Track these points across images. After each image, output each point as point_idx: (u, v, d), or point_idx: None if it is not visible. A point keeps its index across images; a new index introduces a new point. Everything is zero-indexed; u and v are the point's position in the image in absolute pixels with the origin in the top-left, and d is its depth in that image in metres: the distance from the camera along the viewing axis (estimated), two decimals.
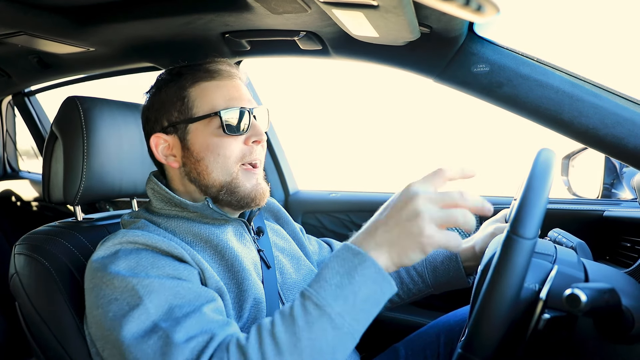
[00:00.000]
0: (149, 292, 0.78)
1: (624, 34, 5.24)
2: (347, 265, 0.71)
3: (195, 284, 0.84)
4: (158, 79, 1.02)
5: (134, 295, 0.78)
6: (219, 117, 0.94)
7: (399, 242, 0.69)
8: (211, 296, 0.83)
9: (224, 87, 0.97)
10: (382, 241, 0.71)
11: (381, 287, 0.70)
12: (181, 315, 0.77)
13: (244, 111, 0.96)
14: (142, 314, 0.76)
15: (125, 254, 0.84)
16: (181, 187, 1.00)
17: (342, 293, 0.70)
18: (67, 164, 1.11)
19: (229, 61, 1.02)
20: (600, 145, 1.06)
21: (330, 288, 0.70)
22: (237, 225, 1.02)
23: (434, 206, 0.68)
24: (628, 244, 1.22)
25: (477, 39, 1.12)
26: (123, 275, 0.80)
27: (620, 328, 0.69)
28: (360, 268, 0.70)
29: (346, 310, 0.70)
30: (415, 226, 0.68)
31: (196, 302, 0.79)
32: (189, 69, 0.99)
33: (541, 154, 0.71)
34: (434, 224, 0.68)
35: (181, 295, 0.79)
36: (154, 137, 0.98)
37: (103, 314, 0.79)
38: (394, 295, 1.21)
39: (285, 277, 1.05)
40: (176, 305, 0.78)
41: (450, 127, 5.23)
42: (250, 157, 0.97)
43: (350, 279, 0.70)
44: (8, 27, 1.28)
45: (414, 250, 0.68)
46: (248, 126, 0.96)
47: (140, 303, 0.77)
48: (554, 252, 0.80)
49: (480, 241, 1.14)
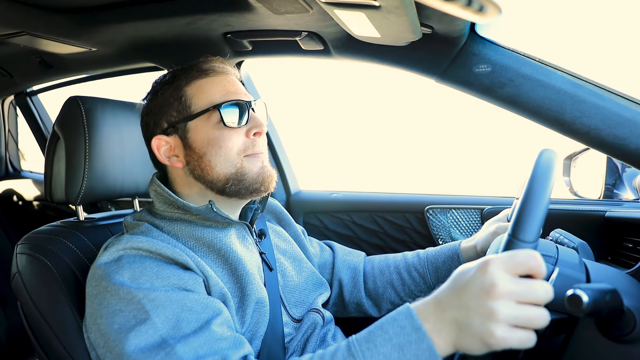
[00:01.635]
0: (156, 307, 0.78)
1: (625, 34, 5.24)
2: (403, 338, 0.65)
3: (202, 294, 0.84)
4: (153, 84, 1.02)
5: (140, 309, 0.78)
6: (218, 110, 0.94)
7: (464, 332, 0.62)
8: (218, 308, 0.83)
9: (219, 83, 0.98)
10: (446, 325, 0.64)
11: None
12: (190, 331, 0.77)
13: (242, 103, 0.96)
14: (149, 328, 0.76)
15: (129, 262, 0.84)
16: (185, 188, 1.00)
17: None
18: (69, 163, 1.11)
19: (222, 59, 1.03)
20: (602, 145, 1.05)
21: (378, 356, 0.65)
22: (240, 228, 1.02)
23: (512, 302, 0.60)
24: (630, 245, 1.22)
25: (479, 40, 1.12)
26: (128, 286, 0.80)
27: (622, 329, 0.69)
28: (416, 347, 0.64)
29: None
30: (487, 325, 0.60)
31: (204, 314, 0.79)
32: (183, 70, 0.99)
33: (543, 155, 0.71)
34: (508, 324, 0.60)
35: (188, 308, 0.79)
36: (154, 140, 0.98)
37: (107, 325, 0.79)
38: (396, 297, 1.22)
39: (287, 280, 1.05)
40: (183, 318, 0.78)
41: (452, 127, 5.23)
42: (253, 149, 0.97)
43: (402, 354, 0.64)
44: (10, 27, 1.28)
45: (478, 346, 0.61)
46: (248, 118, 0.96)
47: (147, 318, 0.77)
48: (556, 253, 0.80)
49: (482, 240, 1.14)
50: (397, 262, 1.24)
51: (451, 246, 1.20)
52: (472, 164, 4.80)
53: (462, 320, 0.62)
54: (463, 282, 0.64)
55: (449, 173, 4.77)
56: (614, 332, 0.70)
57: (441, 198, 1.62)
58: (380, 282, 1.23)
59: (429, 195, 1.66)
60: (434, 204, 1.60)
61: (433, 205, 1.60)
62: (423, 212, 1.62)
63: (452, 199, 1.59)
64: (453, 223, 1.58)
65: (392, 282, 1.22)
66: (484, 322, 0.60)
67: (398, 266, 1.23)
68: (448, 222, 1.58)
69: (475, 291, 0.62)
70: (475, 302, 0.61)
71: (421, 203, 1.63)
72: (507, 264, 0.62)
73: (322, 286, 1.12)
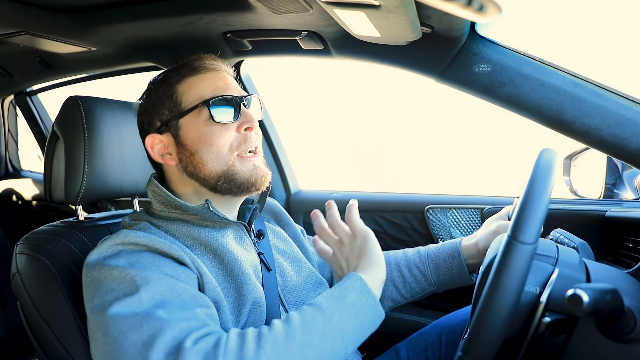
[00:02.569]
0: (146, 283, 0.78)
1: (625, 33, 5.23)
2: (339, 283, 0.86)
3: (193, 287, 0.84)
4: (149, 84, 1.03)
5: (131, 286, 0.79)
6: (206, 106, 0.94)
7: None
8: (206, 302, 0.83)
9: (209, 79, 0.98)
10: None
11: (366, 298, 0.83)
12: (173, 308, 0.77)
13: (232, 99, 0.96)
14: (134, 301, 0.77)
15: (127, 253, 0.85)
16: (181, 186, 1.00)
17: (332, 295, 0.83)
18: (69, 163, 1.11)
19: (214, 56, 1.03)
20: (602, 145, 1.05)
21: (323, 295, 0.83)
22: (237, 229, 1.02)
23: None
24: (630, 245, 1.22)
25: (479, 39, 1.12)
26: (122, 266, 0.81)
27: (622, 329, 0.69)
28: (348, 280, 0.85)
29: (336, 307, 0.80)
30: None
31: (190, 303, 0.79)
32: (175, 69, 1.00)
33: (543, 155, 0.71)
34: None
35: (177, 293, 0.79)
36: (148, 139, 0.99)
37: (98, 303, 0.79)
38: (398, 294, 1.22)
39: (286, 280, 1.05)
40: (169, 301, 0.78)
41: (452, 127, 5.23)
42: (246, 145, 0.97)
43: (339, 286, 0.84)
44: (10, 27, 1.28)
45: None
46: (238, 114, 0.96)
47: (135, 292, 0.78)
48: (556, 253, 0.80)
49: (483, 238, 1.14)
50: (398, 259, 1.24)
51: (452, 244, 1.20)
52: (472, 163, 4.80)
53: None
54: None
55: (449, 173, 4.77)
56: (614, 331, 0.70)
57: (441, 198, 1.62)
58: None
59: (429, 195, 1.66)
60: (434, 204, 1.60)
61: (433, 205, 1.60)
62: (423, 211, 1.62)
63: (452, 199, 1.59)
64: (453, 223, 1.58)
65: (393, 280, 1.22)
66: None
67: (399, 263, 1.23)
68: (448, 221, 1.58)
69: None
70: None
71: (421, 203, 1.63)
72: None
73: (321, 286, 1.12)
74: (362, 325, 0.82)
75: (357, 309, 0.82)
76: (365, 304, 0.83)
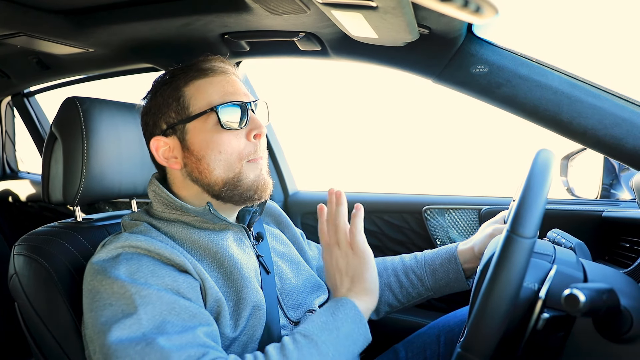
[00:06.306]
0: (145, 304, 0.78)
1: (623, 34, 5.25)
2: (332, 308, 0.86)
3: (194, 301, 0.83)
4: (153, 84, 1.02)
5: (129, 304, 0.78)
6: (215, 112, 0.93)
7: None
8: (206, 319, 0.82)
9: (218, 83, 0.96)
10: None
11: (359, 327, 0.84)
12: (173, 331, 0.76)
13: (241, 105, 0.95)
14: (134, 323, 0.76)
15: (126, 259, 0.84)
16: (183, 189, 0.99)
17: (327, 327, 0.82)
18: (67, 164, 1.11)
19: (222, 58, 1.02)
20: (599, 145, 1.06)
21: (317, 324, 0.83)
22: (237, 231, 1.01)
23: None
24: (627, 245, 1.22)
25: (476, 40, 1.12)
26: (123, 280, 0.80)
27: (618, 328, 0.69)
28: (343, 308, 0.85)
29: (330, 340, 0.81)
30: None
31: (190, 322, 0.79)
32: (182, 70, 0.98)
33: (540, 155, 0.71)
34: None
35: (176, 312, 0.79)
36: (153, 141, 0.97)
37: (95, 317, 0.79)
38: (394, 299, 1.22)
39: (285, 283, 1.05)
40: (169, 321, 0.77)
41: (450, 127, 5.24)
42: (255, 154, 0.96)
43: (334, 316, 0.84)
44: (7, 28, 1.28)
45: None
46: (247, 120, 0.95)
47: (134, 312, 0.77)
48: (553, 252, 0.81)
49: (479, 242, 1.14)
50: (395, 264, 1.24)
51: (448, 248, 1.20)
52: (470, 164, 4.80)
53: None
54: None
55: (446, 173, 4.78)
56: (611, 331, 0.70)
57: (439, 198, 1.62)
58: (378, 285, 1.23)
59: (427, 196, 1.66)
60: (431, 204, 1.61)
61: (431, 206, 1.61)
62: (421, 212, 1.62)
63: (450, 199, 1.60)
64: (451, 223, 1.58)
65: (389, 285, 1.22)
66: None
67: (396, 269, 1.23)
68: (446, 222, 1.59)
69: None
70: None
71: (419, 203, 1.63)
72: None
73: (319, 289, 1.12)
74: (353, 353, 0.84)
75: (350, 341, 0.83)
76: (357, 333, 0.84)
